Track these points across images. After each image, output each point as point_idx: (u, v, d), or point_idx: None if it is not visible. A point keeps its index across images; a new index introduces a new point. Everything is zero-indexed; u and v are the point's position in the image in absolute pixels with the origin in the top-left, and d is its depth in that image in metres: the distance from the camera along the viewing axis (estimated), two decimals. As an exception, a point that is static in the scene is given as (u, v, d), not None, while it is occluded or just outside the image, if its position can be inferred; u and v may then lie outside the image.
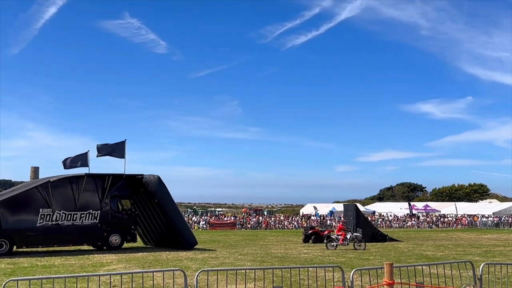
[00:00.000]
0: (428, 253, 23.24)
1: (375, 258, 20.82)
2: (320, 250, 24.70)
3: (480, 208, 72.80)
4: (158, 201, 24.89)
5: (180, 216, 26.95)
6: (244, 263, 18.64)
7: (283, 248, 25.92)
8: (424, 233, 45.06)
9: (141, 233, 27.35)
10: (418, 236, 39.94)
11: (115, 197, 24.84)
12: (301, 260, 19.93)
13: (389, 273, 6.12)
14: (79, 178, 23.97)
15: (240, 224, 56.93)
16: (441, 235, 42.15)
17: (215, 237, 36.45)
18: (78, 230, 23.52)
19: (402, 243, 31.04)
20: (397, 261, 19.37)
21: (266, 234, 43.34)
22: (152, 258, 20.30)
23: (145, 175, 25.30)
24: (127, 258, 20.33)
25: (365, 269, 8.82)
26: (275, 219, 62.33)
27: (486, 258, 19.95)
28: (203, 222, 55.72)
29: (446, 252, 24.04)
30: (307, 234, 31.76)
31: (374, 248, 26.06)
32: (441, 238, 37.02)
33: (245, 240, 33.76)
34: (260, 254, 22.14)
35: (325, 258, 20.66)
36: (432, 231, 50.88)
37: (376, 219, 63.54)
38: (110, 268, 16.90)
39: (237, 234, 41.77)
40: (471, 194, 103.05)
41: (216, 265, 17.88)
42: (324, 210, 76.02)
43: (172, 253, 22.40)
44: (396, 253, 23.09)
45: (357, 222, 32.33)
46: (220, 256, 21.14)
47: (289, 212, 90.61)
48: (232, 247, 26.90)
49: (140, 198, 26.03)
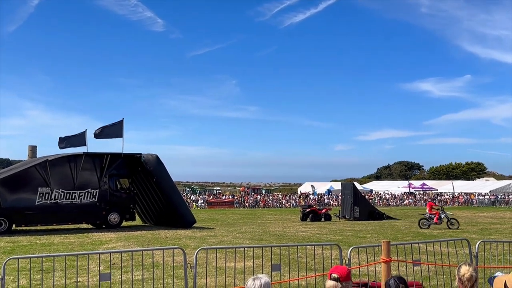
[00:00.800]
0: (425, 231, 23.44)
1: (372, 236, 21.01)
2: (318, 228, 24.91)
3: (477, 186, 73.25)
4: (157, 180, 24.98)
5: (178, 195, 27.08)
6: (242, 241, 18.80)
7: (281, 227, 26.12)
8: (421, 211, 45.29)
9: (139, 211, 27.50)
10: (415, 214, 40.19)
11: (113, 176, 24.91)
12: (299, 238, 20.11)
13: (386, 250, 6.19)
14: (77, 157, 23.99)
15: (238, 202, 57.22)
16: (437, 213, 42.40)
17: (214, 216, 36.67)
18: (77, 208, 23.63)
19: (399, 221, 31.29)
20: (394, 239, 19.55)
21: (264, 212, 43.61)
22: (151, 236, 20.45)
23: (143, 154, 25.34)
24: (126, 236, 20.47)
25: (363, 247, 8.92)
26: (273, 198, 62.65)
27: (482, 236, 20.14)
28: (201, 201, 55.98)
29: (442, 230, 24.24)
30: (304, 212, 31.98)
31: (371, 226, 26.28)
32: (437, 216, 37.25)
33: (243, 218, 33.99)
34: (258, 232, 22.31)
35: (322, 236, 20.84)
36: (429, 209, 51.17)
37: (373, 198, 63.94)
38: (109, 246, 17.04)
39: (235, 213, 42.01)
40: (468, 173, 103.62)
41: (214, 243, 18.02)
42: (321, 188, 76.42)
43: (171, 231, 22.55)
44: (393, 231, 23.29)
45: (354, 201, 32.54)
46: (219, 235, 21.30)
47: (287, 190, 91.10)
48: (230, 225, 27.10)
49: (139, 177, 26.11)
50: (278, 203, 59.58)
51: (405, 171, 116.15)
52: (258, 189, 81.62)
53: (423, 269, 9.03)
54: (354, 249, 8.48)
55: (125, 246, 16.94)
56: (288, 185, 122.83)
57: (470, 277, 4.19)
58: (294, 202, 59.47)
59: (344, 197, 33.99)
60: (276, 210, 50.46)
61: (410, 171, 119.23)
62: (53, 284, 7.76)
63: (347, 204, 33.18)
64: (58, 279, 9.93)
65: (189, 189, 77.00)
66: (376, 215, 32.59)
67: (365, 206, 33.46)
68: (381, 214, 33.02)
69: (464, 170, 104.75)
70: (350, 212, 32.47)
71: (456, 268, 4.33)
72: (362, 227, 25.63)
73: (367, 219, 31.92)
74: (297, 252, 10.66)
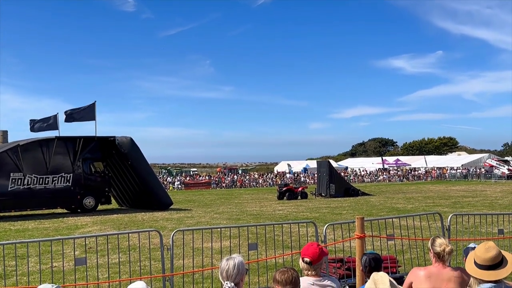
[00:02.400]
0: (399, 206, 23.85)
1: (347, 212, 21.29)
2: (294, 207, 25.12)
3: (449, 161, 74.65)
4: (132, 163, 24.79)
5: (154, 177, 26.95)
6: (219, 221, 18.86)
7: (258, 206, 26.26)
8: (395, 187, 46.16)
9: (115, 195, 27.32)
10: (389, 189, 40.90)
11: (87, 159, 24.63)
12: (276, 216, 20.26)
13: (360, 226, 6.27)
14: (49, 141, 23.60)
15: (215, 183, 57.28)
16: (411, 188, 43.26)
17: (190, 197, 36.65)
18: (51, 193, 23.33)
19: (374, 197, 31.76)
20: (368, 214, 19.86)
21: (241, 192, 43.76)
22: (127, 219, 20.36)
23: (117, 137, 25.06)
24: (102, 220, 20.34)
25: (338, 223, 9.02)
26: (250, 178, 62.87)
27: (454, 209, 20.60)
28: (178, 183, 55.85)
29: (416, 204, 24.71)
30: (281, 191, 32.18)
31: (347, 203, 26.62)
32: (411, 191, 38.00)
33: (220, 199, 34.07)
34: (235, 212, 22.40)
35: (299, 214, 21.04)
36: (403, 185, 52.15)
37: (348, 175, 64.71)
38: (85, 231, 16.91)
39: (212, 194, 42.06)
40: (441, 148, 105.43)
41: (191, 224, 18.04)
42: (298, 167, 76.93)
43: (148, 214, 22.48)
44: (368, 207, 23.63)
45: (330, 178, 32.85)
46: (196, 216, 21.32)
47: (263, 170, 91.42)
48: (207, 206, 27.14)
49: (113, 160, 25.87)
50: (254, 182, 59.82)
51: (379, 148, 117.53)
52: (235, 169, 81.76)
53: (397, 243, 9.19)
54: (330, 226, 8.57)
55: (101, 230, 16.83)
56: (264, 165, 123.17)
57: (450, 251, 4.27)
58: (271, 181, 59.79)
59: (320, 175, 34.29)
60: (253, 189, 50.68)
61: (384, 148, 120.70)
62: (28, 270, 7.67)
63: (323, 181, 33.48)
64: (33, 265, 9.82)
65: (165, 171, 76.63)
66: (352, 192, 33.00)
67: (340, 183, 33.83)
68: (356, 191, 33.44)
69: (436, 145, 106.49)
70: (326, 189, 32.80)
71: (429, 241, 4.41)
72: (338, 204, 25.93)
73: (342, 196, 32.30)
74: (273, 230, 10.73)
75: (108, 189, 25.54)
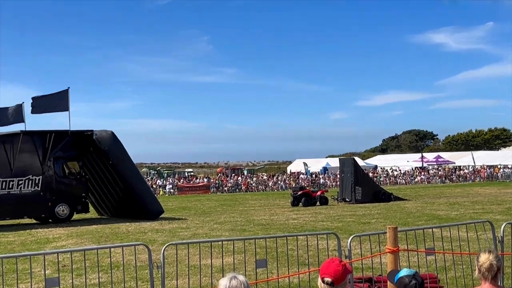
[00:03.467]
0: (440, 213, 23.82)
1: (377, 221, 21.28)
2: (312, 215, 25.14)
3: (502, 158, 74.23)
4: (113, 162, 24.87)
5: (141, 179, 27.05)
6: (221, 233, 18.90)
7: (268, 214, 26.30)
8: (435, 190, 46.03)
9: (94, 201, 27.44)
10: (428, 193, 40.78)
11: (59, 158, 24.72)
12: (289, 227, 20.28)
13: (392, 238, 6.27)
14: (13, 137, 23.71)
15: (215, 187, 57.41)
16: (456, 191, 43.10)
17: (185, 204, 36.72)
18: (16, 200, 23.45)
19: (409, 202, 31.71)
20: (403, 223, 19.83)
21: (247, 197, 43.81)
22: (108, 231, 20.45)
23: (95, 131, 25.14)
24: (78, 232, 20.44)
25: (365, 235, 9.02)
26: (257, 179, 62.96)
27: (508, 217, 20.50)
28: (170, 186, 56.04)
29: (462, 211, 24.65)
30: (296, 196, 32.19)
31: (376, 210, 26.60)
32: (455, 194, 37.86)
33: (221, 206, 34.11)
34: (240, 222, 22.45)
35: (317, 224, 21.04)
36: (445, 187, 51.97)
37: (378, 175, 64.64)
38: (58, 245, 17.01)
39: (212, 199, 42.15)
40: (492, 141, 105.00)
41: (187, 236, 18.09)
42: (316, 166, 76.83)
43: (133, 224, 22.57)
44: (402, 215, 23.61)
45: (355, 180, 32.83)
46: (192, 226, 21.39)
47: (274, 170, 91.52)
48: (206, 214, 27.20)
49: (91, 159, 25.97)
50: (263, 185, 59.89)
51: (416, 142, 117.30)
52: (239, 170, 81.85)
53: (438, 258, 9.19)
54: (356, 238, 8.56)
55: (77, 244, 16.93)
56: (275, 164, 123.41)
57: (489, 267, 4.23)
58: (283, 184, 59.83)
59: (343, 176, 34.26)
60: (261, 194, 50.72)
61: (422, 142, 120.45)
62: (-11, 294, 7.73)
63: (347, 184, 33.45)
64: (-5, 287, 9.92)
65: (154, 172, 76.89)
66: (382, 196, 32.95)
67: (368, 185, 33.80)
68: (388, 195, 33.40)
69: (486, 138, 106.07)
70: (351, 193, 32.77)
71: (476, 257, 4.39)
72: (365, 211, 25.93)
73: (371, 201, 32.24)
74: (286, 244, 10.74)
75: (86, 195, 25.64)
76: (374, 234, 8.89)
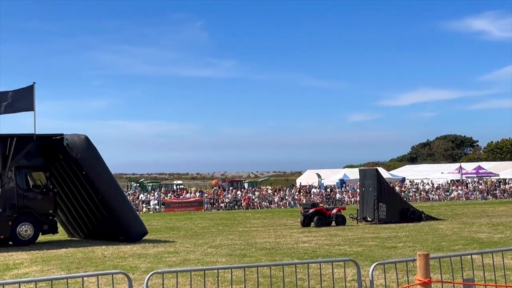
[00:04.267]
0: (482, 236, 23.77)
1: (405, 245, 21.25)
2: (326, 237, 25.12)
3: (556, 169, 74.17)
4: (87, 173, 24.89)
5: (120, 193, 27.04)
6: (216, 259, 18.88)
7: (273, 236, 26.29)
8: (475, 207, 45.95)
9: (63, 220, 27.44)
10: (467, 211, 40.71)
11: (22, 168, 24.75)
12: (299, 252, 20.27)
13: (423, 267, 6.27)
14: (-33, 142, 23.77)
15: (209, 202, 57.35)
16: (500, 209, 43.01)
17: (174, 223, 36.73)
18: (-31, 218, 23.48)
19: (444, 222, 31.70)
20: (437, 248, 19.79)
21: (248, 216, 43.81)
22: (81, 256, 20.43)
23: (66, 135, 25.19)
24: (45, 257, 20.42)
25: (391, 262, 9.02)
26: (261, 194, 62.91)
27: None
28: (155, 202, 56.01)
29: (507, 233, 24.61)
30: (307, 214, 32.16)
31: (404, 231, 26.57)
32: (499, 213, 37.78)
33: (217, 225, 34.13)
34: (239, 246, 22.44)
35: (333, 248, 21.02)
36: (487, 204, 51.86)
37: (406, 190, 64.55)
38: (19, 272, 17.00)
39: (206, 218, 42.13)
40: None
41: (175, 263, 18.10)
42: (331, 178, 76.85)
43: (111, 247, 22.57)
44: (435, 238, 23.58)
45: (379, 195, 32.79)
46: (181, 251, 21.38)
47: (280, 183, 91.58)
48: (198, 236, 27.22)
49: (60, 169, 25.99)
50: (267, 201, 59.84)
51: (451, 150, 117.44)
52: (239, 182, 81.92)
53: (478, 291, 9.18)
54: (379, 266, 8.55)
55: (43, 272, 16.92)
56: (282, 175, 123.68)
57: None
58: (291, 200, 59.78)
59: (365, 190, 34.23)
60: (265, 211, 50.70)
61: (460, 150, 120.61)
62: None
63: (368, 200, 33.40)
64: None
65: (137, 185, 76.98)
66: (411, 215, 32.93)
67: (394, 202, 33.75)
68: (419, 214, 33.38)
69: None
70: (373, 211, 32.73)
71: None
72: (390, 233, 25.93)
73: (398, 221, 32.20)
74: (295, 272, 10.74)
75: (54, 212, 25.65)
76: (402, 261, 8.90)
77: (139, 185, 76.30)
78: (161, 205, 54.78)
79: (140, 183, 79.76)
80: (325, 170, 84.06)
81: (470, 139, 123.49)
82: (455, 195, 64.57)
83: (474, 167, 78.66)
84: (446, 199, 63.20)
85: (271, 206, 58.36)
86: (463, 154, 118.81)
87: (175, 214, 49.32)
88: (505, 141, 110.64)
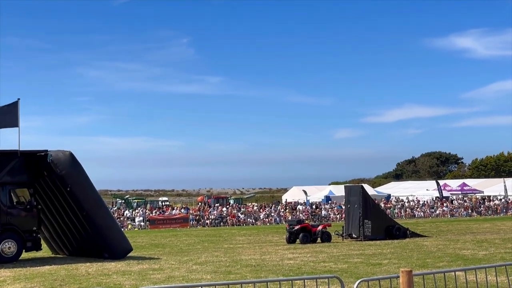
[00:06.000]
0: (466, 253, 23.85)
1: (390, 262, 21.29)
2: (312, 254, 25.12)
3: (540, 186, 74.52)
4: (72, 189, 24.81)
5: (105, 210, 26.94)
6: (201, 276, 18.85)
7: (258, 253, 26.27)
8: (460, 224, 46.09)
9: (47, 237, 27.30)
10: (451, 228, 40.83)
11: (6, 184, 24.63)
12: (284, 269, 20.24)
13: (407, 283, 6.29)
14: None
15: (194, 219, 57.29)
16: (484, 226, 43.19)
17: (159, 240, 36.62)
18: (-49, 235, 23.34)
19: (429, 239, 31.80)
20: (421, 265, 19.86)
21: (234, 232, 43.75)
22: (64, 273, 20.32)
23: (50, 151, 25.12)
24: (28, 274, 20.29)
25: (375, 279, 9.04)
26: (246, 211, 62.88)
27: (547, 258, 20.58)
28: (140, 218, 55.86)
29: (492, 250, 24.70)
30: (292, 231, 32.16)
31: (389, 248, 26.62)
32: (484, 230, 37.92)
33: (202, 242, 34.05)
34: (224, 263, 22.41)
35: (318, 265, 21.02)
36: (471, 221, 52.04)
37: (392, 206, 64.73)
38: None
39: (191, 235, 42.05)
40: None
41: (160, 280, 18.04)
42: (317, 195, 76.96)
43: (95, 264, 22.48)
44: (420, 254, 23.64)
45: (365, 212, 32.84)
46: (166, 267, 21.31)
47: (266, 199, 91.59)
48: (183, 253, 27.16)
49: (45, 186, 25.88)
50: (253, 218, 59.83)
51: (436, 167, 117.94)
52: (224, 199, 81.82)
53: (462, 308, 9.20)
54: (363, 283, 8.56)
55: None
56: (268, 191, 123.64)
57: None
58: (277, 216, 59.81)
59: (350, 207, 34.28)
60: (250, 228, 50.68)
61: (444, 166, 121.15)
62: None
63: (354, 216, 33.46)
64: None
65: (121, 201, 76.77)
66: (396, 232, 32.98)
67: (379, 219, 33.82)
68: (403, 230, 33.44)
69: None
70: (359, 228, 32.77)
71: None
72: (375, 250, 25.96)
73: (383, 237, 32.25)
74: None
75: (37, 229, 25.52)
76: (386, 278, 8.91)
77: (124, 202, 76.14)
78: (146, 222, 54.68)
79: (125, 199, 79.55)
80: (310, 187, 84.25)
81: (455, 156, 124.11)
82: (440, 212, 64.82)
83: (459, 184, 79.12)
84: (431, 215, 63.44)
85: (256, 222, 58.38)
86: (448, 171, 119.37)
87: (160, 230, 49.19)
88: (490, 158, 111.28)
